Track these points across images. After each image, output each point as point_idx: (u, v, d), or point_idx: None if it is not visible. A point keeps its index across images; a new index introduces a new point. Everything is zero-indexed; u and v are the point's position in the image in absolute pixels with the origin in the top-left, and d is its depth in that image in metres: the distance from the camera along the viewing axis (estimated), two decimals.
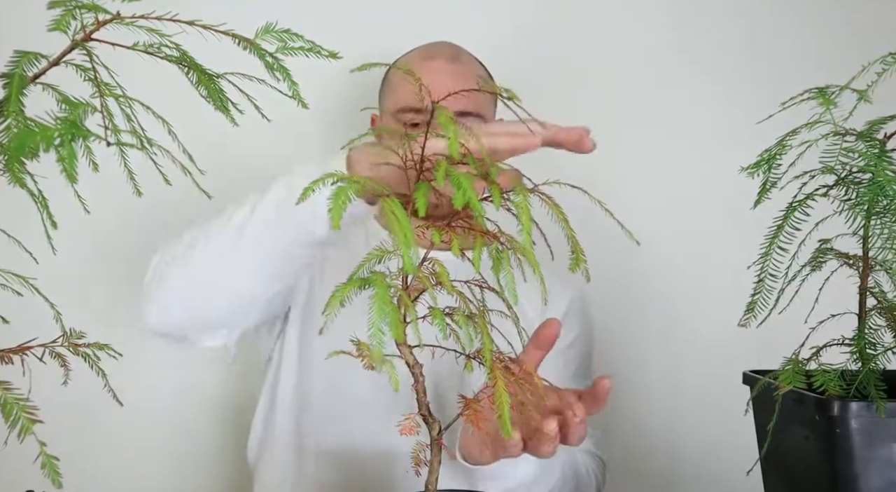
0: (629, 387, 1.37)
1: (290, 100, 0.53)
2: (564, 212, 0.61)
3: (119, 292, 1.26)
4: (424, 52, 1.06)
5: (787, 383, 0.62)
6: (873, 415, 0.58)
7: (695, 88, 1.38)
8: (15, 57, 0.42)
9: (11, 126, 0.37)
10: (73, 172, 0.38)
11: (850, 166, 0.62)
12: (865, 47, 0.73)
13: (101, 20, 0.45)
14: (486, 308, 0.64)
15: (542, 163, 0.74)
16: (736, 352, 0.96)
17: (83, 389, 0.62)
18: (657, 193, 1.36)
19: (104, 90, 0.48)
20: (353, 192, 0.52)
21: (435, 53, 1.04)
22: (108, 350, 0.56)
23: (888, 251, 0.61)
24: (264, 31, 0.50)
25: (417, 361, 0.63)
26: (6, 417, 0.39)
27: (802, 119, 0.63)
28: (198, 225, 0.88)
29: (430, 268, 0.60)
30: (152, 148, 0.51)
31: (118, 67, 0.51)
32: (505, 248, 0.59)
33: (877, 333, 0.64)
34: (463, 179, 0.53)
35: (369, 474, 0.96)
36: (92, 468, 1.11)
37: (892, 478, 0.59)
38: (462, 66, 1.03)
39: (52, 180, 0.44)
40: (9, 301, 0.59)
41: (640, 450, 1.35)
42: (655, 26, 1.38)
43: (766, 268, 0.66)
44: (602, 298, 1.32)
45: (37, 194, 0.47)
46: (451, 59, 1.03)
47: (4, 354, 0.51)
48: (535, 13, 1.37)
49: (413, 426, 0.67)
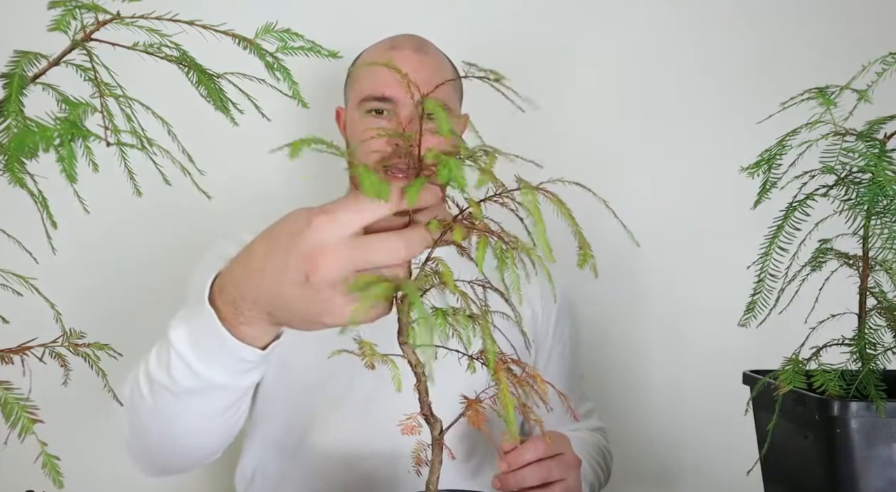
0: (629, 387, 1.37)
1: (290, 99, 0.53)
2: (569, 208, 0.61)
3: (119, 292, 1.26)
4: (389, 42, 1.04)
5: (787, 383, 0.62)
6: (873, 415, 0.58)
7: (695, 88, 1.38)
8: (15, 57, 0.42)
9: (11, 126, 0.37)
10: (73, 172, 0.38)
11: (850, 166, 0.62)
12: (865, 47, 0.73)
13: (101, 20, 0.45)
14: (488, 309, 0.64)
15: (542, 163, 0.74)
16: (736, 352, 0.96)
17: (83, 388, 0.62)
18: (657, 193, 1.36)
19: (104, 90, 0.48)
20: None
21: (400, 44, 1.03)
22: (108, 350, 0.56)
23: (888, 251, 0.61)
24: (264, 32, 0.50)
25: (419, 361, 0.63)
26: (7, 417, 0.39)
27: (802, 119, 0.63)
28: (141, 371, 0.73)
29: (434, 267, 0.60)
30: (152, 148, 0.51)
31: (118, 67, 0.51)
32: (509, 247, 0.59)
33: (877, 333, 0.64)
34: (452, 161, 0.52)
35: (372, 474, 0.96)
36: (92, 468, 1.11)
37: (892, 478, 0.59)
38: (428, 57, 1.02)
39: (52, 180, 0.44)
40: (9, 301, 0.59)
41: (640, 450, 1.35)
42: (655, 26, 1.38)
43: (766, 268, 0.66)
44: (602, 298, 1.32)
45: (37, 194, 0.47)
46: (416, 50, 1.02)
47: (4, 354, 0.51)
48: (536, 11, 1.37)
49: (414, 426, 0.68)
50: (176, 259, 1.19)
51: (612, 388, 1.35)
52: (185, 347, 0.64)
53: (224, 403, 0.69)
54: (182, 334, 0.64)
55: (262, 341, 0.62)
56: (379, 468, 0.96)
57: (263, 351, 0.63)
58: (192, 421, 0.71)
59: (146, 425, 0.74)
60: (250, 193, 1.28)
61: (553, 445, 0.85)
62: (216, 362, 0.64)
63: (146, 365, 0.71)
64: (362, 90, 1.01)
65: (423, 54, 1.02)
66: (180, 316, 0.66)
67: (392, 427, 0.71)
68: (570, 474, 0.86)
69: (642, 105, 1.38)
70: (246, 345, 0.61)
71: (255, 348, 0.62)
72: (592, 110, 1.37)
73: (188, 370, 0.65)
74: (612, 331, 1.37)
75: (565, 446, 0.87)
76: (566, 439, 0.90)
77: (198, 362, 0.64)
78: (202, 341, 0.63)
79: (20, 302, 0.60)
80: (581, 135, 1.35)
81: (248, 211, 1.20)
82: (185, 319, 0.65)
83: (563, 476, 0.84)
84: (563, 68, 1.37)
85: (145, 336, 1.25)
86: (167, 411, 0.70)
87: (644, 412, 1.37)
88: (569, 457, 0.87)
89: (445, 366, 0.65)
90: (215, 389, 0.66)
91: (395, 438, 0.72)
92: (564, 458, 0.86)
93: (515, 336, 0.68)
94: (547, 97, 1.33)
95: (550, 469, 0.83)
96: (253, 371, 0.65)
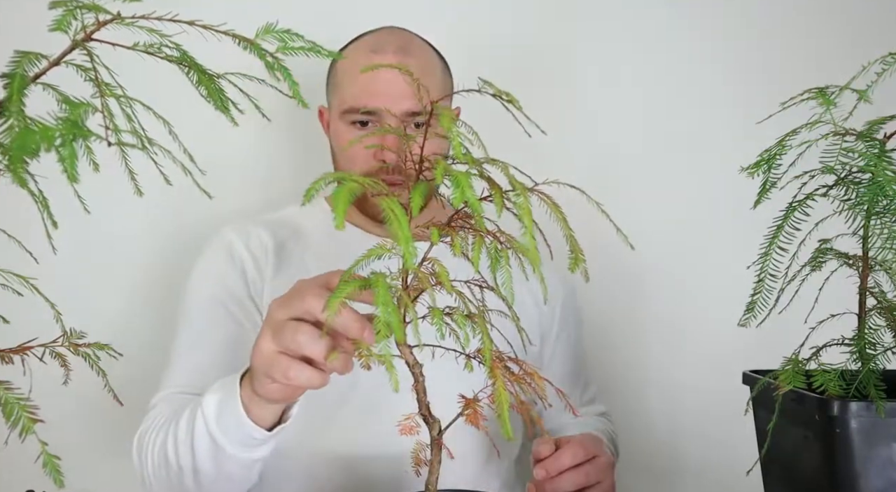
0: (629, 387, 1.37)
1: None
2: (563, 212, 0.61)
3: (119, 292, 1.26)
4: (371, 44, 0.99)
5: (787, 383, 0.62)
6: (873, 415, 0.58)
7: (695, 88, 1.38)
8: (16, 57, 0.42)
9: (13, 126, 0.37)
10: (74, 172, 0.38)
11: (849, 166, 0.62)
12: (865, 47, 0.73)
13: (101, 20, 0.45)
14: (485, 308, 0.64)
15: (542, 162, 0.74)
16: (736, 352, 0.96)
17: (83, 388, 0.62)
18: (657, 193, 1.36)
19: (105, 90, 0.48)
20: (352, 191, 0.52)
21: (382, 45, 0.98)
22: (109, 350, 0.56)
23: (888, 251, 0.61)
24: (264, 32, 0.50)
25: (417, 361, 0.63)
26: (7, 417, 0.39)
27: (802, 119, 0.63)
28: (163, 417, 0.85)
29: (430, 268, 0.60)
30: (153, 148, 0.51)
31: (118, 67, 0.51)
32: (504, 247, 0.59)
33: (877, 333, 0.64)
34: (461, 177, 0.53)
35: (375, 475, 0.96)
36: (92, 468, 1.11)
37: (892, 478, 0.59)
38: (412, 59, 0.97)
39: (53, 180, 0.44)
40: (9, 301, 0.59)
41: (640, 450, 1.35)
42: (655, 26, 1.38)
43: (766, 268, 0.66)
44: (602, 297, 1.32)
45: (37, 194, 0.47)
46: (399, 51, 0.97)
47: (4, 354, 0.51)
48: (536, 10, 1.37)
49: (413, 426, 0.68)
50: (176, 259, 1.19)
51: (612, 388, 1.35)
52: (212, 414, 0.74)
53: (234, 468, 0.77)
54: (212, 403, 0.75)
55: (267, 422, 0.72)
56: (382, 470, 0.95)
57: (270, 432, 0.72)
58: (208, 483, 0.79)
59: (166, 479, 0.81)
60: (251, 192, 1.28)
61: (590, 447, 0.84)
62: (231, 436, 0.73)
63: (175, 425, 0.80)
64: (344, 101, 0.98)
65: (407, 56, 0.97)
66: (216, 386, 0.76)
67: (395, 429, 0.72)
68: (606, 477, 0.84)
69: (642, 105, 1.38)
70: (255, 425, 0.71)
71: (262, 429, 0.72)
72: (592, 110, 1.37)
73: (208, 435, 0.75)
74: (612, 330, 1.37)
75: (599, 448, 0.86)
76: (600, 440, 0.89)
77: (217, 430, 0.74)
78: (224, 414, 0.73)
79: (20, 302, 0.60)
80: (581, 135, 1.35)
81: (248, 211, 1.20)
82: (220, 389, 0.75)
83: (600, 479, 0.83)
84: (563, 68, 1.37)
85: (145, 336, 1.25)
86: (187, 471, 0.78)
87: (644, 412, 1.37)
88: (603, 459, 0.85)
89: (444, 365, 0.65)
90: (227, 457, 0.75)
91: (397, 439, 0.72)
92: (599, 461, 0.84)
93: (513, 335, 0.68)
94: (546, 97, 1.33)
95: (588, 474, 0.82)
96: (261, 446, 0.75)
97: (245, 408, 0.71)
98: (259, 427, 0.72)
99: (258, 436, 0.72)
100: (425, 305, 0.59)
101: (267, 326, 0.66)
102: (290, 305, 0.64)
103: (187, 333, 0.96)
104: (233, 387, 0.72)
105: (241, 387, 0.72)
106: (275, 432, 0.73)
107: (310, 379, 0.64)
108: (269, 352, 0.64)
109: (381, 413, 0.94)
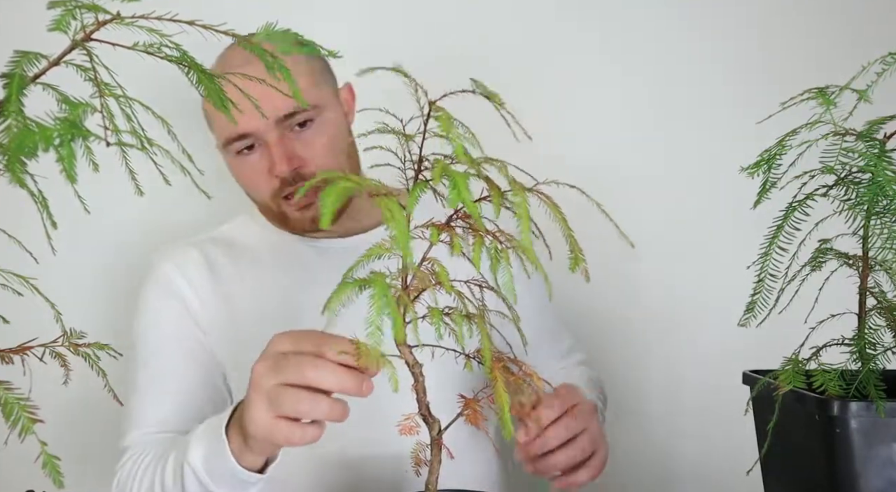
0: (629, 387, 1.37)
1: None
2: (563, 212, 0.61)
3: (119, 292, 1.26)
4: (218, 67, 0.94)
5: (787, 383, 0.62)
6: (873, 415, 0.58)
7: (694, 88, 1.38)
8: (15, 57, 0.42)
9: (12, 126, 0.37)
10: (73, 172, 0.38)
11: (849, 166, 0.62)
12: (865, 47, 0.73)
13: (101, 20, 0.45)
14: (485, 308, 0.64)
15: (542, 162, 0.74)
16: (736, 352, 0.96)
17: (83, 388, 0.62)
18: (657, 193, 1.36)
19: (104, 90, 0.48)
20: (345, 191, 0.52)
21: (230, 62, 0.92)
22: (109, 350, 0.56)
23: (888, 251, 0.61)
24: (264, 32, 0.50)
25: (417, 361, 0.63)
26: (7, 416, 0.39)
27: (802, 119, 0.63)
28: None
29: (430, 268, 0.60)
30: (152, 148, 0.51)
31: (118, 67, 0.51)
32: (504, 246, 0.59)
33: (877, 333, 0.64)
34: (459, 177, 0.52)
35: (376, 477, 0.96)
36: (92, 468, 1.11)
37: (892, 478, 0.59)
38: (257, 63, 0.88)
39: (52, 180, 0.44)
40: (9, 301, 0.59)
41: (639, 449, 1.35)
42: (655, 26, 1.38)
43: (766, 268, 0.66)
44: (602, 298, 1.32)
45: (37, 194, 0.47)
46: (244, 62, 0.87)
47: (4, 354, 0.51)
48: (535, 11, 1.37)
49: (413, 426, 0.68)
50: None
51: (611, 387, 1.35)
52: (200, 466, 0.75)
53: None
54: (198, 456, 0.75)
55: (258, 464, 0.73)
56: (382, 470, 0.95)
57: (262, 474, 0.74)
58: None
59: None
60: None
61: (567, 397, 0.82)
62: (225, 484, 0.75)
63: (161, 474, 0.80)
64: (220, 133, 0.97)
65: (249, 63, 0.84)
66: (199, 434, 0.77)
67: (395, 429, 0.72)
68: (590, 423, 0.83)
69: (642, 105, 1.38)
70: (247, 471, 0.73)
71: (255, 473, 0.73)
72: (592, 110, 1.37)
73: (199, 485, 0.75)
74: (612, 330, 1.37)
75: (578, 396, 0.84)
76: (575, 388, 0.87)
77: (208, 480, 0.75)
78: (215, 466, 0.74)
79: (20, 302, 0.60)
80: (581, 134, 1.35)
81: (247, 210, 1.20)
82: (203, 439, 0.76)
83: (585, 426, 0.82)
84: (563, 68, 1.37)
85: None
86: None
87: (644, 412, 1.37)
88: (584, 406, 0.83)
89: (443, 365, 0.65)
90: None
91: (398, 439, 0.72)
92: (581, 408, 0.82)
93: (512, 334, 0.68)
94: (545, 97, 1.33)
95: (569, 426, 0.80)
96: (255, 485, 0.75)
97: (236, 457, 0.72)
98: (251, 472, 0.73)
99: (252, 480, 0.74)
100: (425, 304, 0.59)
101: (257, 394, 0.66)
102: (282, 372, 0.64)
103: (144, 374, 0.97)
104: (219, 439, 0.73)
105: (227, 439, 0.72)
106: (267, 473, 0.75)
107: (314, 437, 0.66)
108: (267, 421, 0.66)
109: (381, 413, 0.94)
